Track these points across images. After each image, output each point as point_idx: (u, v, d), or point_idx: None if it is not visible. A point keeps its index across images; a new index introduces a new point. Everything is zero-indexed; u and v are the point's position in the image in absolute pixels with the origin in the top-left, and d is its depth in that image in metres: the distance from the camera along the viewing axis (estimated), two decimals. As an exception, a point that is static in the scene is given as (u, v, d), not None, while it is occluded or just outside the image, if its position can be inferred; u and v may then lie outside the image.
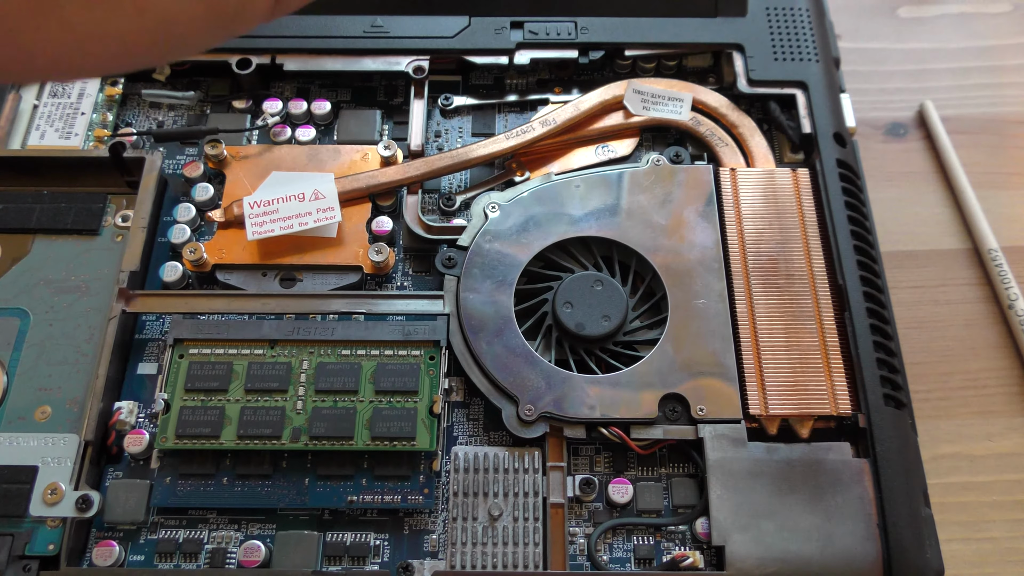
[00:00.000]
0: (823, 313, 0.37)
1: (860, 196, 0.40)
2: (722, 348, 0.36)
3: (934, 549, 0.32)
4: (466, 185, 0.41)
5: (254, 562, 0.33)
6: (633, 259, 0.39)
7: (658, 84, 0.42)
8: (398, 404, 0.35)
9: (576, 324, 0.36)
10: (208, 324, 0.37)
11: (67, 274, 0.38)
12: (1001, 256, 0.45)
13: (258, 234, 0.38)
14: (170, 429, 0.34)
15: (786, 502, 0.33)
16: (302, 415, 0.35)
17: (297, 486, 0.34)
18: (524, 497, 0.34)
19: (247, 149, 0.41)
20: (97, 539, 0.33)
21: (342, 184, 0.39)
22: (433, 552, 0.33)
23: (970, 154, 0.49)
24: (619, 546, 0.34)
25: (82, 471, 0.34)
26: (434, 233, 0.39)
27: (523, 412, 0.34)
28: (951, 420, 0.42)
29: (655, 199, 0.39)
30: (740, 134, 0.42)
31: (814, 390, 0.35)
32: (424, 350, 0.36)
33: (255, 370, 0.36)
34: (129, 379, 0.37)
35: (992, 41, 0.55)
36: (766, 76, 0.43)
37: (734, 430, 0.34)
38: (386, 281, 0.39)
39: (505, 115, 0.44)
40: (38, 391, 0.36)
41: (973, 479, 0.40)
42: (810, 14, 0.45)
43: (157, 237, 0.40)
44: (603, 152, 0.41)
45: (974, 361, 0.43)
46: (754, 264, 0.38)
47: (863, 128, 0.50)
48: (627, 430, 0.34)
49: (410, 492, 0.34)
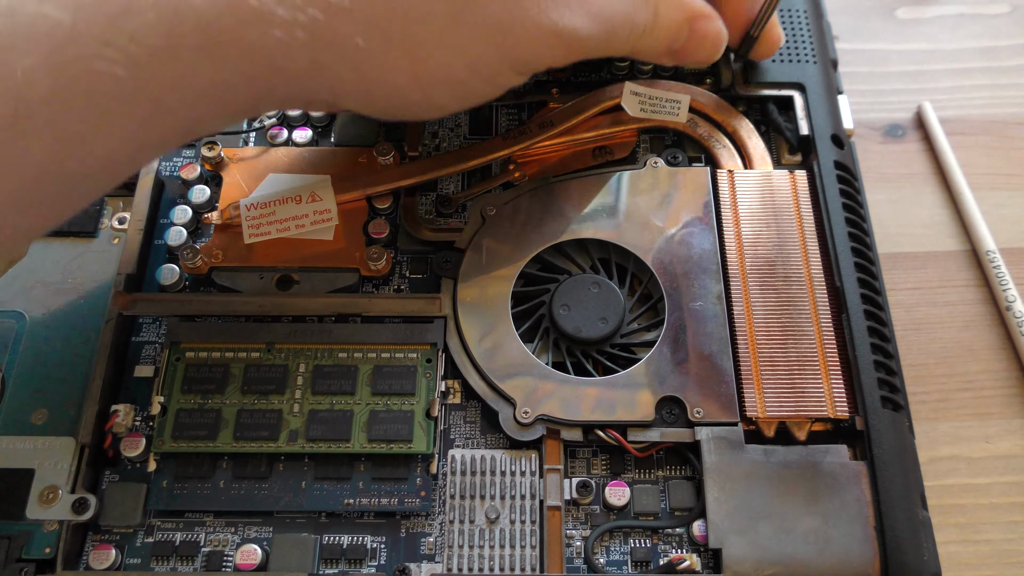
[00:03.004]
0: (820, 315, 0.37)
1: (858, 198, 0.40)
2: (719, 350, 0.36)
3: (931, 551, 0.32)
4: (463, 187, 0.41)
5: (251, 565, 0.33)
6: (630, 261, 0.39)
7: (655, 86, 0.42)
8: (395, 406, 0.35)
9: (573, 326, 0.36)
10: (205, 326, 0.37)
11: (64, 276, 0.38)
12: (999, 258, 0.45)
13: (255, 236, 0.38)
14: (167, 432, 0.34)
15: (783, 505, 0.33)
16: (299, 417, 0.35)
17: (294, 488, 0.34)
18: (521, 500, 0.34)
19: (244, 151, 0.41)
20: (93, 542, 0.33)
21: (339, 187, 0.39)
22: (430, 555, 0.33)
23: (969, 155, 0.49)
24: (616, 549, 0.34)
25: (79, 474, 0.33)
26: (431, 235, 0.39)
27: (520, 415, 0.34)
28: (949, 422, 0.41)
29: (652, 201, 0.39)
30: (738, 136, 0.42)
31: (811, 392, 0.35)
32: (421, 352, 0.36)
33: (252, 372, 0.36)
34: (126, 382, 0.37)
35: (991, 42, 0.54)
36: (763, 78, 0.43)
37: (731, 432, 0.34)
38: (383, 283, 0.39)
39: (502, 117, 0.44)
40: (34, 394, 0.35)
41: (971, 481, 0.40)
42: (808, 15, 0.45)
43: (154, 239, 0.40)
44: (600, 154, 0.41)
45: (972, 363, 0.43)
46: (751, 266, 0.38)
47: (861, 129, 0.50)
48: (624, 432, 0.34)
49: (407, 495, 0.34)
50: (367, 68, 0.30)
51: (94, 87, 0.25)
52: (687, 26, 0.36)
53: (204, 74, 0.27)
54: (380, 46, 0.30)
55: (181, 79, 0.27)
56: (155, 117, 0.28)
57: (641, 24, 0.34)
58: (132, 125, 0.27)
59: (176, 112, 0.28)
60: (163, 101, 0.27)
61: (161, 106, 0.27)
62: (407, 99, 0.32)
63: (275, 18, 0.27)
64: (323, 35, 0.28)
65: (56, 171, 0.27)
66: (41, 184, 0.27)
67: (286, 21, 0.27)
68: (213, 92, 0.28)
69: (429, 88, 0.32)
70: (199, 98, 0.28)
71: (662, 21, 0.35)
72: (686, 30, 0.36)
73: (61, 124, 0.25)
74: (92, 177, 0.28)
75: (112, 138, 0.27)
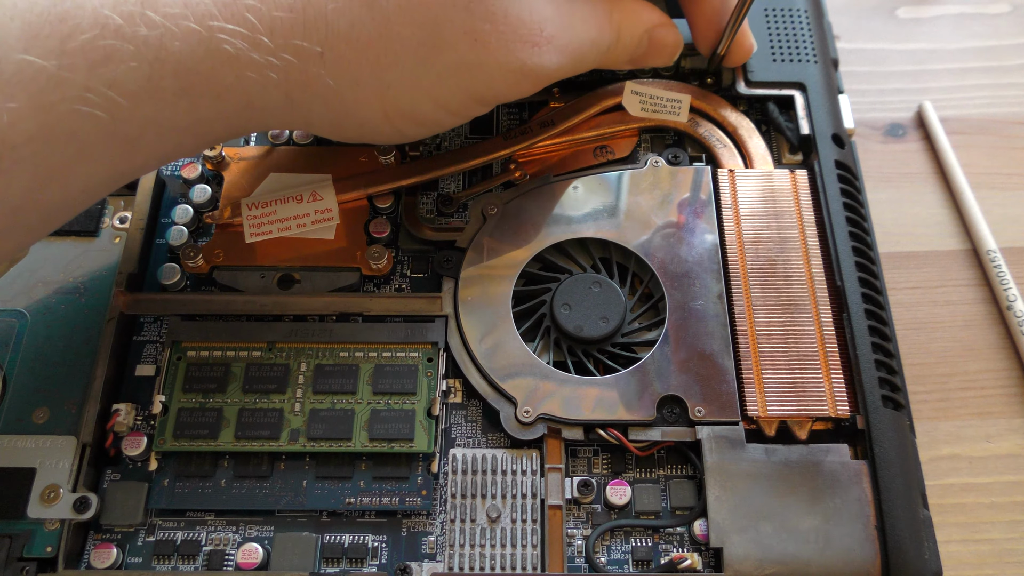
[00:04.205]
0: (821, 314, 0.37)
1: (858, 197, 0.40)
2: (720, 350, 0.36)
3: (932, 551, 0.32)
4: (464, 187, 0.41)
5: (252, 564, 0.33)
6: (631, 260, 0.39)
7: (656, 85, 0.42)
8: (396, 406, 0.35)
9: (574, 326, 0.36)
10: (206, 326, 0.37)
11: (65, 275, 0.38)
12: (1000, 257, 0.45)
13: (256, 236, 0.38)
14: (168, 431, 0.34)
15: (784, 504, 0.33)
16: (300, 416, 0.35)
17: (295, 488, 0.34)
18: (522, 499, 0.34)
19: (245, 151, 0.41)
20: (95, 541, 0.33)
21: (340, 186, 0.39)
22: (431, 554, 0.33)
23: (969, 155, 0.49)
24: (617, 548, 0.34)
25: (80, 473, 0.34)
26: (432, 235, 0.39)
27: (521, 414, 0.34)
28: (950, 421, 0.41)
29: (653, 200, 0.39)
30: (738, 135, 0.42)
31: (812, 392, 0.35)
32: (422, 351, 0.36)
33: (253, 371, 0.36)
34: (127, 381, 0.37)
35: (991, 41, 0.54)
36: (764, 77, 0.43)
37: (732, 432, 0.34)
38: (384, 283, 0.39)
39: (503, 117, 0.44)
40: (36, 393, 0.35)
41: (972, 480, 0.40)
42: (808, 15, 0.45)
43: (155, 238, 0.40)
44: (601, 153, 0.41)
45: (973, 362, 0.43)
46: (752, 265, 0.38)
47: (862, 129, 0.50)
48: (625, 432, 0.34)
49: (408, 494, 0.34)
50: (338, 104, 0.31)
51: (76, 128, 0.26)
52: (647, 37, 0.37)
53: (182, 113, 0.29)
54: (350, 86, 0.31)
55: (159, 117, 0.28)
56: (133, 152, 0.29)
57: (606, 44, 0.36)
58: (111, 159, 0.28)
59: (154, 146, 0.29)
60: (142, 138, 0.29)
61: (140, 142, 0.29)
62: (377, 131, 0.34)
63: (250, 62, 0.29)
64: (296, 76, 0.30)
65: (35, 201, 0.28)
66: (20, 215, 0.28)
67: (260, 64, 0.29)
68: (190, 128, 0.30)
69: (398, 122, 0.33)
70: (176, 133, 0.30)
71: (624, 37, 0.36)
72: (646, 40, 0.37)
73: (42, 161, 0.26)
74: (70, 204, 0.30)
75: (91, 172, 0.28)
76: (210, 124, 0.30)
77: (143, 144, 0.29)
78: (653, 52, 0.38)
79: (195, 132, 0.30)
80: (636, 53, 0.38)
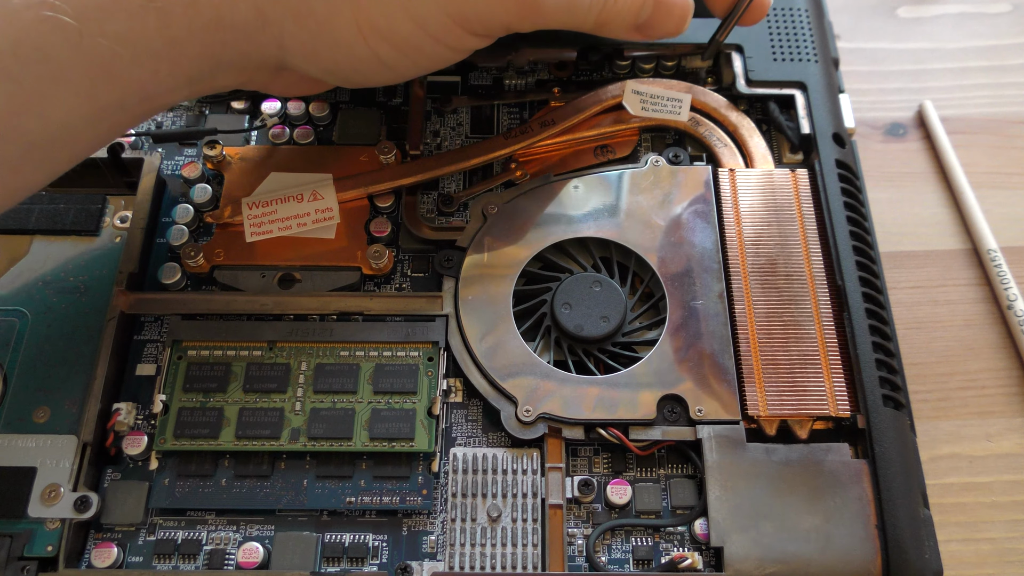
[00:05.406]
0: (822, 314, 0.37)
1: (859, 196, 0.40)
2: (721, 349, 0.36)
3: (933, 550, 0.32)
4: (465, 186, 0.41)
5: (252, 563, 0.33)
6: (632, 260, 0.39)
7: (657, 85, 0.42)
8: (397, 405, 0.35)
9: (575, 325, 0.36)
10: (206, 325, 0.37)
11: (66, 275, 0.38)
12: (1000, 256, 0.45)
13: (257, 235, 0.38)
14: (168, 430, 0.34)
15: (785, 503, 0.33)
16: (301, 416, 0.35)
17: (295, 487, 0.34)
18: (523, 498, 0.34)
19: (246, 150, 0.41)
20: (95, 540, 0.33)
21: (340, 185, 0.39)
22: (432, 553, 0.33)
23: (970, 154, 0.49)
24: (618, 547, 0.34)
25: (81, 472, 0.33)
26: (433, 234, 0.39)
27: (522, 413, 0.34)
28: (950, 421, 0.42)
29: (654, 200, 0.39)
30: (739, 135, 0.42)
31: (813, 391, 0.35)
32: (423, 351, 0.36)
33: (254, 371, 0.36)
34: (128, 380, 0.37)
35: (992, 41, 0.54)
36: (765, 76, 0.43)
37: (733, 431, 0.34)
38: (385, 282, 0.39)
39: (504, 116, 0.44)
40: (36, 392, 0.35)
41: (972, 480, 0.40)
42: (809, 14, 0.45)
43: (156, 238, 0.40)
44: (602, 153, 0.41)
45: (973, 362, 0.43)
46: (753, 265, 0.38)
47: (862, 128, 0.50)
48: (626, 431, 0.34)
49: (409, 493, 0.34)
50: (310, 19, 0.31)
51: (45, 40, 0.26)
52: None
53: (151, 28, 0.28)
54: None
55: (129, 33, 0.28)
56: (108, 76, 0.28)
57: None
58: (86, 83, 0.28)
59: (129, 72, 0.29)
60: (114, 59, 0.28)
61: (113, 64, 0.28)
62: (354, 54, 0.32)
63: None
64: None
65: (15, 129, 0.27)
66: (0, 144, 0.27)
67: None
68: (162, 51, 0.29)
69: (374, 43, 0.32)
70: (149, 57, 0.29)
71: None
72: (651, 2, 0.35)
73: (14, 79, 0.26)
74: (53, 142, 0.29)
75: (68, 97, 0.28)
76: (182, 47, 0.29)
77: (117, 68, 0.28)
78: (659, 16, 0.35)
79: (168, 58, 0.29)
80: (640, 15, 0.35)
